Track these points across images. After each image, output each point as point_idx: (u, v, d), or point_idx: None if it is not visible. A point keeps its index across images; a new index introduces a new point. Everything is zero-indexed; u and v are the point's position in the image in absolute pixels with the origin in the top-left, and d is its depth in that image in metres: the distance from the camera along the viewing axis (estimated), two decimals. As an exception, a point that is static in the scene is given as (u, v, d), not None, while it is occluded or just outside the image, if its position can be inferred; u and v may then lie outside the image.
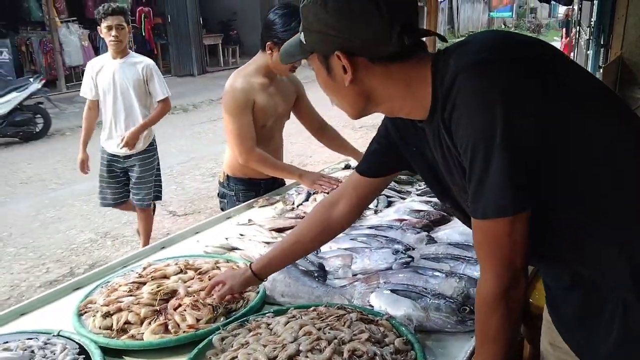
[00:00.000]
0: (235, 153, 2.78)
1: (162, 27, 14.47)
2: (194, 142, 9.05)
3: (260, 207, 2.76)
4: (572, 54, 12.90)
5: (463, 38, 1.33)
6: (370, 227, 2.29)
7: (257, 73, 2.76)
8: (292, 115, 3.10)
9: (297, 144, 3.01)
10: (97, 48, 13.22)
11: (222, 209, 3.04)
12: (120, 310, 1.69)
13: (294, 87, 3.02)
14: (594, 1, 5.56)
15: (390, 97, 1.25)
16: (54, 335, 1.60)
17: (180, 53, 14.64)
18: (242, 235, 2.30)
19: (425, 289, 1.68)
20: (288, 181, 3.15)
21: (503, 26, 30.29)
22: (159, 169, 4.69)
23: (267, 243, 2.18)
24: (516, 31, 27.50)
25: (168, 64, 14.86)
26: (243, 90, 2.69)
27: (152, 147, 4.52)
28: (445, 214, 2.37)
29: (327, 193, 2.68)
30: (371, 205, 2.60)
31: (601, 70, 3.83)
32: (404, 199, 2.69)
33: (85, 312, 1.75)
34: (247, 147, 2.73)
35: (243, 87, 2.69)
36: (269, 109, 2.80)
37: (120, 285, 1.85)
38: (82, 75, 12.32)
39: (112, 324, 1.65)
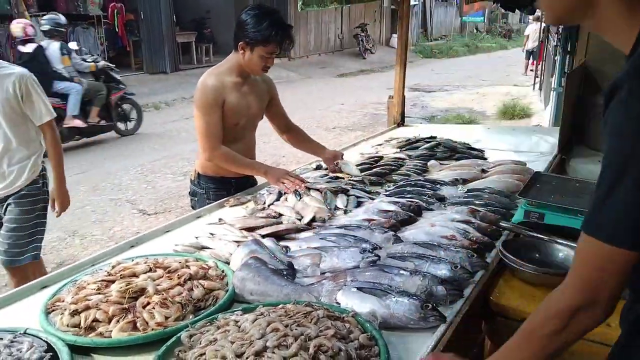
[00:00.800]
0: (201, 149, 2.81)
1: (135, 24, 14.30)
2: (166, 141, 8.99)
3: (231, 206, 2.78)
4: (542, 60, 13.26)
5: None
6: (339, 227, 2.33)
7: (230, 72, 2.79)
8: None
9: (270, 144, 3.04)
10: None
11: (193, 207, 3.06)
12: (88, 308, 1.70)
13: (267, 87, 3.05)
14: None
15: (611, 11, 1.11)
16: (20, 334, 1.60)
17: (153, 50, 14.48)
18: (212, 234, 2.32)
19: (390, 286, 1.72)
20: (261, 180, 3.18)
21: (475, 30, 30.77)
22: (44, 216, 3.44)
23: (237, 242, 2.20)
24: (487, 36, 28.06)
25: (140, 61, 14.71)
26: (214, 89, 2.72)
27: (37, 185, 3.32)
28: (412, 214, 2.43)
29: (296, 192, 2.71)
30: (341, 205, 2.66)
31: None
32: (373, 199, 2.74)
33: (53, 310, 1.75)
34: (212, 144, 2.76)
35: (214, 85, 2.72)
36: (241, 108, 2.83)
37: (88, 284, 1.85)
38: (51, 71, 12.02)
39: (80, 322, 1.65)
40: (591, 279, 1.08)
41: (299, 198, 2.73)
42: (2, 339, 1.57)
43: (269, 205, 2.71)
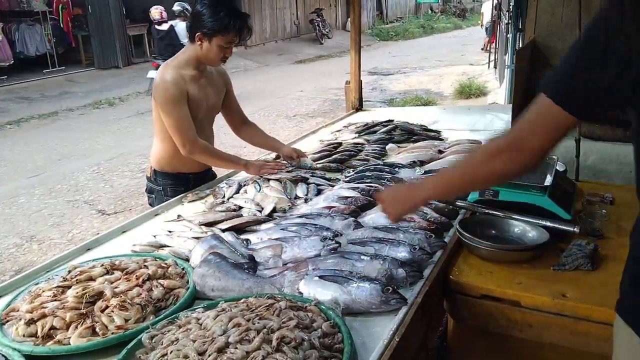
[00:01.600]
0: (179, 145, 2.70)
1: (83, 18, 13.86)
2: (122, 137, 8.79)
3: (189, 202, 2.73)
4: (495, 38, 13.48)
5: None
6: (300, 216, 2.33)
7: (187, 65, 2.71)
8: None
9: (230, 134, 3.00)
10: (13, 42, 12.52)
11: (151, 205, 2.99)
12: (44, 315, 1.65)
13: (223, 79, 3.00)
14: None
15: None
16: (-27, 348, 1.54)
17: (103, 45, 14.08)
18: (170, 232, 2.28)
19: (352, 272, 1.74)
20: (220, 173, 3.14)
21: (430, 11, 31.03)
22: None
23: (197, 238, 2.17)
24: (442, 16, 28.36)
25: (91, 57, 14.29)
26: (175, 82, 2.63)
27: None
28: (371, 199, 2.45)
29: (255, 183, 2.72)
30: (301, 194, 2.65)
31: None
32: (333, 186, 2.74)
33: (8, 321, 1.69)
34: (190, 138, 2.68)
35: (174, 78, 2.64)
36: (200, 100, 2.77)
37: (44, 291, 1.79)
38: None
39: (37, 331, 1.60)
40: (524, 127, 1.25)
41: (258, 189, 2.71)
42: (-47, 355, 1.51)
43: (228, 199, 2.68)
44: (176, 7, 10.42)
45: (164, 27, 10.55)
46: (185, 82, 2.67)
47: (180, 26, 10.12)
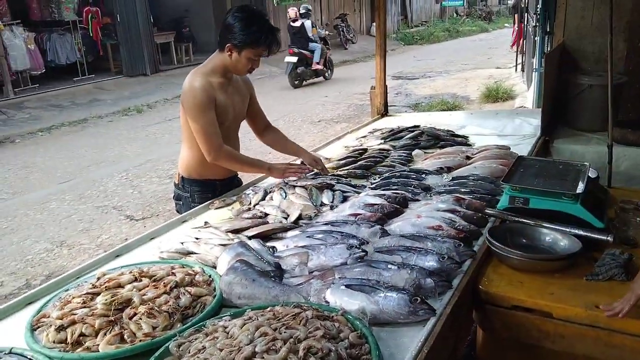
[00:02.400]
0: (204, 152, 2.73)
1: (112, 27, 14.10)
2: (150, 144, 8.90)
3: (216, 208, 2.75)
4: (522, 40, 13.30)
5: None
6: (326, 224, 2.32)
7: (215, 72, 2.75)
8: None
9: (256, 141, 3.02)
10: (45, 51, 12.82)
11: (178, 212, 3.02)
12: (74, 322, 1.67)
13: (247, 87, 3.03)
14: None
15: None
16: (5, 354, 1.57)
17: (131, 53, 14.31)
18: (197, 239, 2.29)
19: (379, 282, 1.72)
20: (245, 180, 3.15)
21: (455, 15, 30.77)
22: None
23: (224, 245, 2.18)
24: (467, 20, 28.09)
25: (119, 65, 14.52)
26: (203, 89, 2.67)
27: None
28: (397, 206, 2.43)
29: (281, 190, 2.72)
30: (326, 201, 2.65)
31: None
32: (358, 193, 2.73)
33: (39, 327, 1.72)
34: (215, 144, 2.71)
35: (203, 85, 2.67)
36: (227, 108, 2.81)
37: (73, 297, 1.82)
38: (30, 79, 11.99)
39: (67, 337, 1.62)
40: None
41: (284, 196, 2.71)
42: (-13, 360, 1.54)
43: (254, 205, 2.68)
44: (302, 10, 14.18)
45: (297, 24, 13.93)
46: (213, 89, 2.71)
47: (307, 23, 13.94)
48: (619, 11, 3.65)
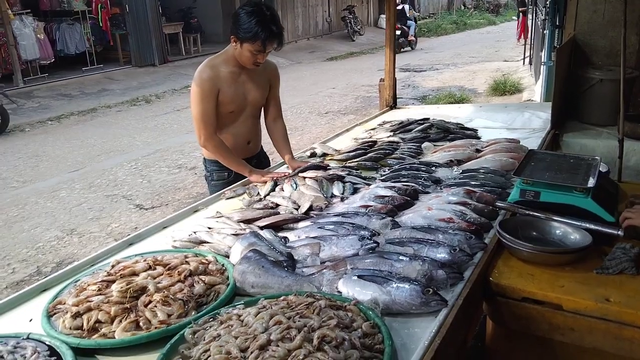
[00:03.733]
0: (196, 135, 2.93)
1: (121, 17, 14.11)
2: (159, 134, 8.93)
3: (227, 199, 2.77)
4: (529, 33, 13.22)
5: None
6: (337, 215, 2.34)
7: (227, 62, 2.89)
8: None
9: (264, 132, 3.05)
10: (54, 40, 12.86)
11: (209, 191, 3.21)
12: (90, 309, 1.70)
13: (269, 74, 3.10)
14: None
15: None
16: (23, 339, 1.60)
17: (140, 43, 14.32)
18: (210, 228, 2.32)
19: (391, 272, 1.74)
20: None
21: (463, 7, 30.57)
22: None
23: (236, 235, 2.20)
24: (475, 12, 27.96)
25: (128, 55, 14.55)
26: (209, 79, 2.84)
27: None
28: (408, 198, 2.44)
29: (292, 181, 2.76)
30: (337, 193, 2.66)
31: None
32: (369, 185, 2.74)
33: (55, 313, 1.75)
34: (207, 132, 2.89)
35: (210, 76, 2.84)
36: (235, 96, 2.92)
37: (89, 285, 1.84)
38: (39, 69, 12.03)
39: (83, 324, 1.65)
40: None
41: (295, 187, 2.73)
42: (6, 344, 1.57)
43: (265, 196, 2.71)
44: None
45: (399, 7, 17.65)
46: (219, 80, 2.86)
47: (406, 7, 18.90)
48: (632, 5, 3.63)
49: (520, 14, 16.97)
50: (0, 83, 9.73)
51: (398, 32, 17.57)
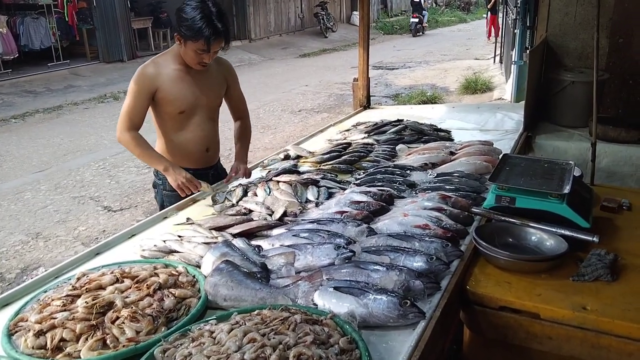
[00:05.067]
0: (117, 130, 2.78)
1: (88, 12, 13.75)
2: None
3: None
4: (499, 31, 13.38)
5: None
6: (312, 222, 2.29)
7: (173, 60, 2.73)
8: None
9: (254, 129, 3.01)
10: (18, 35, 12.46)
11: (155, 199, 3.05)
12: (54, 327, 1.61)
13: (223, 72, 2.95)
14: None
15: None
16: (-19, 360, 1.51)
17: (108, 38, 14.00)
18: (180, 237, 2.24)
19: (367, 284, 1.69)
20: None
21: (434, 5, 30.79)
22: None
23: (207, 244, 2.13)
24: (446, 10, 28.32)
25: (95, 50, 14.21)
26: (148, 76, 2.69)
27: None
28: (384, 204, 2.41)
29: (265, 186, 2.66)
30: (312, 198, 2.61)
31: (527, 52, 3.95)
32: (344, 189, 2.70)
33: (17, 332, 1.65)
34: (125, 125, 2.73)
35: (150, 72, 2.69)
36: (181, 96, 2.75)
37: (52, 300, 1.76)
38: (2, 65, 11.66)
39: (47, 343, 1.57)
40: None
41: (268, 192, 2.67)
42: (-38, 367, 1.48)
43: (237, 202, 2.64)
44: None
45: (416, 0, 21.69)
46: (160, 78, 2.70)
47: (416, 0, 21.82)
48: (602, 8, 3.67)
49: (489, 12, 17.27)
50: (-40, 79, 9.39)
51: (416, 20, 21.67)
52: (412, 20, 21.99)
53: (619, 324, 1.65)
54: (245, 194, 2.72)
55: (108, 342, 1.56)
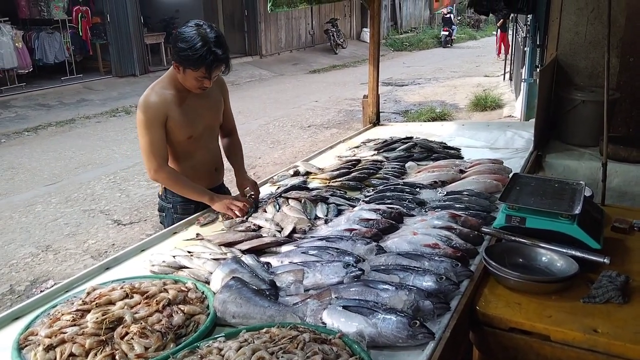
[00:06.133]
0: (146, 168, 2.67)
1: (101, 27, 13.98)
2: (139, 146, 8.78)
3: (201, 226, 2.66)
4: (509, 49, 13.41)
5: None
6: (321, 239, 2.29)
7: (172, 85, 2.64)
8: None
9: (245, 145, 2.97)
10: (33, 49, 12.66)
11: (162, 224, 2.97)
12: (63, 342, 1.62)
13: (219, 89, 2.88)
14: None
15: None
16: (-9, 374, 1.52)
17: (121, 53, 14.20)
18: (189, 252, 2.25)
19: (377, 303, 1.69)
20: (234, 191, 3.09)
21: (444, 22, 30.90)
22: None
23: (216, 260, 2.14)
24: (456, 27, 28.60)
25: (108, 65, 14.40)
26: (154, 105, 2.58)
27: None
28: (393, 222, 2.40)
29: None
30: (321, 215, 2.62)
31: (538, 70, 3.96)
32: (353, 206, 2.70)
33: (26, 346, 1.67)
34: (157, 163, 2.62)
35: (155, 102, 2.59)
36: (189, 120, 2.68)
37: (62, 314, 1.77)
38: (17, 78, 11.82)
39: (56, 357, 1.58)
40: None
41: (277, 208, 2.68)
42: (-28, 381, 1.49)
43: (247, 218, 2.65)
44: (447, 10, 21.81)
45: (447, 15, 24.15)
46: (166, 105, 2.60)
47: (452, 16, 24.08)
48: (613, 28, 3.67)
49: (499, 29, 17.33)
50: (-24, 92, 9.55)
51: (446, 33, 24.29)
52: (442, 33, 24.58)
53: (630, 348, 1.63)
54: (256, 209, 2.72)
55: (117, 357, 1.57)
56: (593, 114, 3.70)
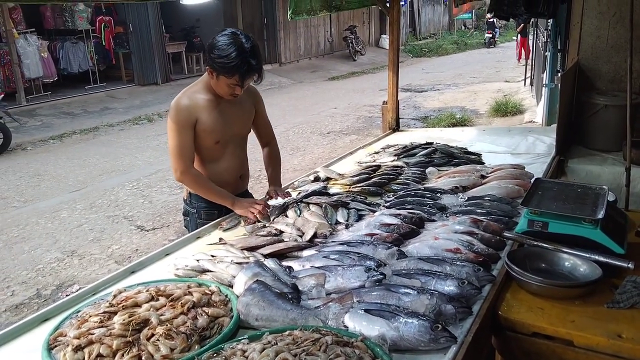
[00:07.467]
0: (172, 169, 2.74)
1: (124, 37, 14.25)
2: (161, 154, 8.93)
3: (224, 230, 2.71)
4: (530, 54, 13.30)
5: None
6: (342, 243, 2.30)
7: (206, 90, 2.72)
8: None
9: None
10: (58, 59, 12.95)
11: (186, 227, 3.03)
12: (91, 342, 1.66)
13: (252, 99, 2.96)
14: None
15: None
16: (23, 373, 1.56)
17: (143, 62, 14.44)
18: (213, 256, 2.29)
19: (398, 307, 1.70)
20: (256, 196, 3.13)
21: (463, 27, 30.82)
22: None
23: (239, 263, 2.17)
24: (475, 32, 28.54)
25: (131, 73, 14.65)
26: (186, 109, 2.66)
27: None
28: (414, 226, 2.41)
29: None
30: (341, 220, 2.63)
31: (559, 75, 3.93)
32: (373, 211, 2.72)
33: (56, 346, 1.71)
34: (184, 165, 2.69)
35: (187, 105, 2.67)
36: (218, 126, 2.75)
37: (90, 316, 1.81)
38: (42, 87, 12.12)
39: (84, 358, 1.62)
40: None
41: (299, 213, 2.71)
42: (5, 380, 1.53)
43: (273, 218, 2.68)
44: (491, 14, 22.93)
45: (491, 20, 24.43)
46: (197, 108, 2.68)
47: (495, 20, 23.19)
48: (636, 31, 3.63)
49: (519, 34, 17.22)
50: (3, 101, 9.78)
51: (489, 35, 26.02)
52: (486, 35, 26.57)
53: (657, 354, 1.61)
54: (279, 214, 2.74)
55: (143, 358, 1.60)
56: (616, 119, 3.66)
